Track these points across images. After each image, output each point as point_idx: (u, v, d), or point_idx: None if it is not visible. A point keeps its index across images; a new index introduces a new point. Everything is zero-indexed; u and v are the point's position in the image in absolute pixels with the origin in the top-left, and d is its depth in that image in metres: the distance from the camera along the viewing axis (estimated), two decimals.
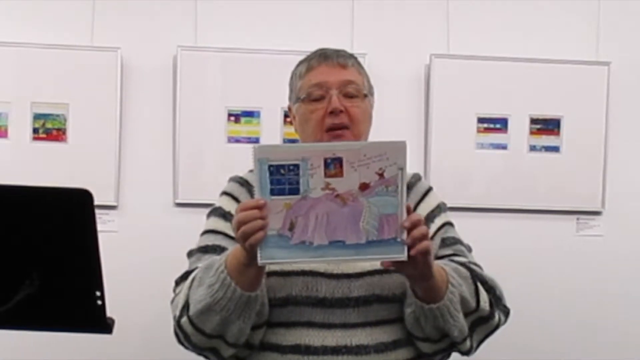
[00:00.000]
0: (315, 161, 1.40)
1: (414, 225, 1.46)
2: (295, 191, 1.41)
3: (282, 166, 1.40)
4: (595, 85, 2.88)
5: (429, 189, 1.83)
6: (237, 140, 2.76)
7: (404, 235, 1.45)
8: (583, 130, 2.89)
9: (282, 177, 1.40)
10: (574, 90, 2.88)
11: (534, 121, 2.88)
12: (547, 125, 2.88)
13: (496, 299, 1.69)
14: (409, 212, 1.46)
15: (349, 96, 1.69)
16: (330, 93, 1.68)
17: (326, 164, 1.41)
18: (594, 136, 2.89)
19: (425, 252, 1.48)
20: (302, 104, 1.71)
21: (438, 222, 1.77)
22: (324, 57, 1.73)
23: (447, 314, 1.58)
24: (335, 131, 1.67)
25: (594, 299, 2.90)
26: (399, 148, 1.43)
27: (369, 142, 1.44)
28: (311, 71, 1.72)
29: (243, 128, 2.77)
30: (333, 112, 1.66)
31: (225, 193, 1.78)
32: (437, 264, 1.57)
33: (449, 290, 1.58)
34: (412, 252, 1.46)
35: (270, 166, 1.40)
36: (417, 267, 1.49)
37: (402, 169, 1.43)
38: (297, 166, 1.40)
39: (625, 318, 2.91)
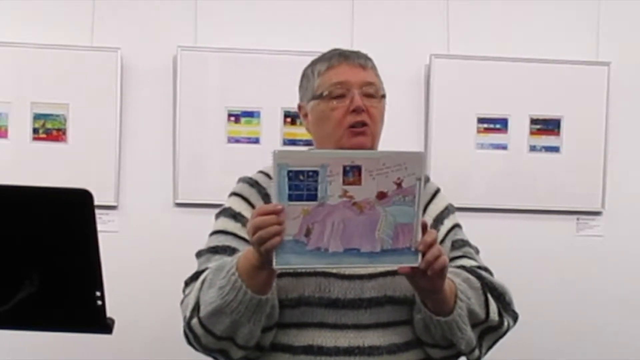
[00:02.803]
0: (335, 168, 1.40)
1: (428, 247, 1.47)
2: (313, 197, 1.41)
3: (301, 172, 1.40)
4: (595, 85, 2.88)
5: (437, 190, 1.84)
6: (237, 140, 2.76)
7: (419, 246, 1.46)
8: (583, 131, 2.89)
9: (301, 183, 1.40)
10: (574, 90, 2.88)
11: (534, 121, 2.88)
12: (547, 126, 2.88)
13: (505, 305, 1.70)
14: (424, 228, 1.47)
15: (368, 96, 1.70)
16: (353, 92, 1.68)
17: (345, 172, 1.41)
18: (594, 136, 2.89)
19: (442, 269, 1.49)
20: (322, 101, 1.70)
21: (447, 223, 1.78)
22: (344, 56, 1.73)
23: (455, 327, 1.60)
24: (357, 128, 1.67)
25: (593, 299, 2.90)
26: (418, 159, 1.44)
27: (389, 151, 1.44)
28: (332, 69, 1.71)
29: (243, 128, 2.77)
30: (355, 110, 1.67)
31: (235, 194, 1.77)
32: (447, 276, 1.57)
33: (457, 305, 1.59)
34: (429, 272, 1.47)
35: (289, 171, 1.39)
36: (431, 279, 1.50)
37: (420, 179, 1.43)
38: (316, 172, 1.40)
39: (625, 318, 2.91)
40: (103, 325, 1.41)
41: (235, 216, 1.71)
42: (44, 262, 1.37)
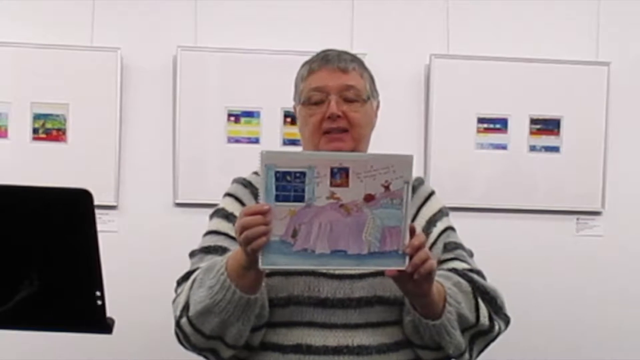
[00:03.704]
0: (322, 170, 1.40)
1: (415, 251, 1.46)
2: (300, 198, 1.41)
3: (289, 173, 1.40)
4: (595, 85, 2.88)
5: (432, 193, 1.83)
6: (237, 140, 2.77)
7: (406, 249, 1.45)
8: (583, 131, 2.89)
9: (288, 184, 1.40)
10: (574, 90, 2.88)
11: (534, 121, 2.88)
12: (547, 125, 2.88)
13: (496, 309, 1.70)
14: (412, 233, 1.46)
15: (348, 100, 1.69)
16: (329, 98, 1.68)
17: (332, 173, 1.40)
18: (594, 136, 2.89)
19: (429, 273, 1.48)
20: (303, 107, 1.72)
21: (440, 226, 1.77)
22: (325, 60, 1.72)
23: (443, 331, 1.59)
24: (332, 134, 1.68)
25: (594, 299, 2.90)
26: (406, 162, 1.43)
27: (377, 153, 1.43)
28: (312, 75, 1.72)
29: (243, 128, 2.77)
30: (330, 117, 1.67)
31: (228, 194, 1.78)
32: (436, 279, 1.57)
33: (447, 310, 1.59)
34: (415, 276, 1.46)
35: (276, 172, 1.39)
36: (418, 282, 1.50)
37: (408, 182, 1.43)
38: (303, 174, 1.40)
39: (625, 318, 2.91)
40: (103, 325, 1.41)
41: (228, 216, 1.72)
42: (44, 262, 1.37)
